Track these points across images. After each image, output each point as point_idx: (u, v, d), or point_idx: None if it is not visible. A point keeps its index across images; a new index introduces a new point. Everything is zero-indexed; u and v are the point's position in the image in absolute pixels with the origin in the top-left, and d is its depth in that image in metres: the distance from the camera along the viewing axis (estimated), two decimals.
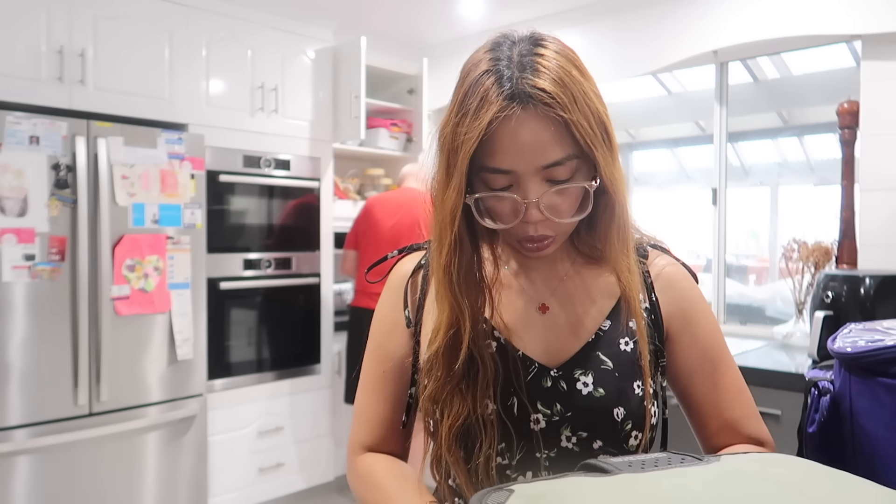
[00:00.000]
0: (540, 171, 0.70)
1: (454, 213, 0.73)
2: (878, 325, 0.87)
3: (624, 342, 0.81)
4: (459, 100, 0.73)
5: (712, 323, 0.86)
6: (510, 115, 0.68)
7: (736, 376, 0.85)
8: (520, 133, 0.69)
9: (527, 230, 0.74)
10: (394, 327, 0.88)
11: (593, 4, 3.07)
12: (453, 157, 0.72)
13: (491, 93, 0.69)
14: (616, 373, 0.79)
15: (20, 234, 2.27)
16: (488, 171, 0.72)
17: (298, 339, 3.21)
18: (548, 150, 0.70)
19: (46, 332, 2.33)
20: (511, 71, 0.70)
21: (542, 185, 0.71)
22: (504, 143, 0.69)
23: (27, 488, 2.28)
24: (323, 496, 3.31)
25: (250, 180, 3.01)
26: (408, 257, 0.92)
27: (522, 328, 0.82)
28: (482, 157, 0.71)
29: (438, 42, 3.71)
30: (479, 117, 0.69)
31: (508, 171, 0.71)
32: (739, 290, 3.72)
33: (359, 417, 0.90)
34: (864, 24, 2.30)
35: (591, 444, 0.77)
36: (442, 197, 0.75)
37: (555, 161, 0.70)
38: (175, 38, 2.77)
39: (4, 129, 2.24)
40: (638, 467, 0.56)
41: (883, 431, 0.76)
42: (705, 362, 0.84)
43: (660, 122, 4.11)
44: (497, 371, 0.78)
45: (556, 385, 0.78)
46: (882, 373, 0.76)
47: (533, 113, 0.69)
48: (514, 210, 0.72)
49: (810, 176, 3.86)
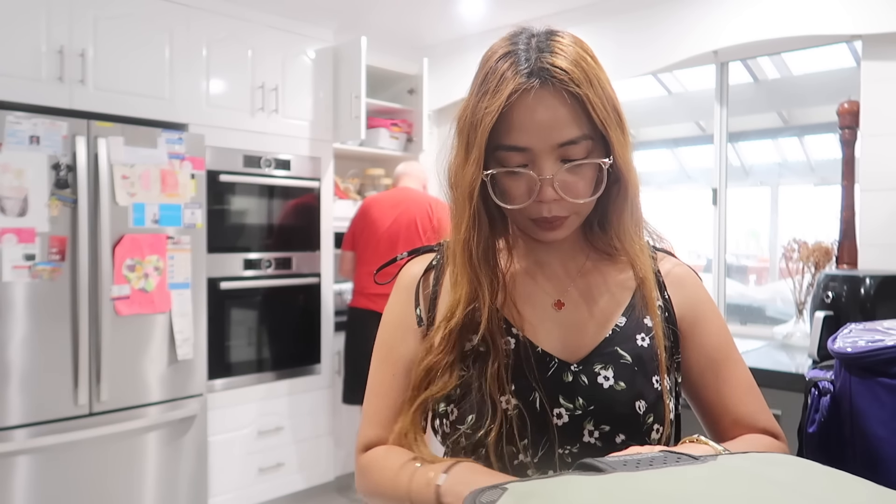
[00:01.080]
0: (555, 149, 0.73)
1: (473, 186, 0.75)
2: (879, 326, 0.87)
3: (640, 338, 0.82)
4: (479, 82, 0.76)
5: (721, 321, 0.87)
6: (528, 89, 0.71)
7: (745, 373, 0.86)
8: (537, 110, 0.71)
9: (540, 210, 0.75)
10: (405, 329, 0.87)
11: (593, 4, 3.07)
12: (472, 134, 0.74)
13: (510, 71, 0.72)
14: (635, 367, 0.80)
15: (20, 233, 2.27)
16: (504, 149, 0.74)
17: (298, 339, 3.21)
18: (564, 127, 0.72)
19: (47, 331, 2.33)
20: (529, 53, 0.73)
21: (556, 164, 0.73)
22: (521, 119, 0.72)
23: (27, 488, 2.28)
24: (323, 496, 3.31)
25: (250, 180, 3.01)
26: (417, 259, 0.91)
27: (539, 324, 0.82)
28: (499, 135, 0.73)
29: (439, 42, 3.71)
30: (499, 92, 0.71)
31: (524, 149, 0.73)
32: (740, 290, 3.71)
33: (368, 420, 0.88)
34: (864, 25, 2.29)
35: (614, 437, 0.77)
36: (461, 173, 0.76)
37: (570, 139, 0.72)
38: (175, 38, 2.77)
39: (5, 128, 2.24)
40: (633, 466, 0.56)
41: (883, 431, 0.76)
42: (715, 359, 0.85)
43: (660, 121, 4.11)
44: (508, 358, 0.78)
45: (577, 379, 0.79)
46: (882, 373, 0.76)
47: (550, 90, 0.72)
48: (529, 189, 0.74)
49: (810, 176, 3.86)
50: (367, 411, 0.88)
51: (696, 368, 0.85)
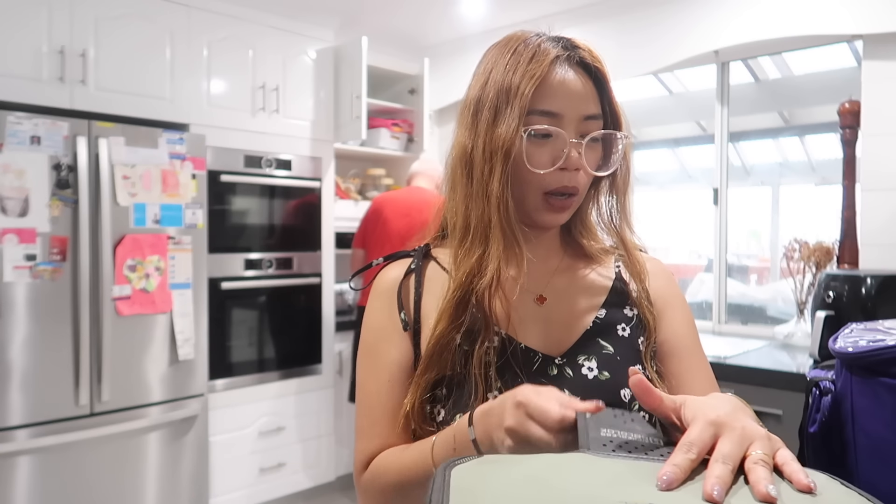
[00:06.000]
0: (581, 121, 0.78)
1: (510, 144, 0.76)
2: (880, 325, 0.87)
3: (621, 328, 0.84)
4: (509, 57, 0.79)
5: (688, 316, 0.90)
6: (567, 58, 0.78)
7: (707, 370, 0.86)
8: (570, 80, 0.77)
9: (562, 179, 0.78)
10: (389, 334, 0.84)
11: (594, 4, 3.07)
12: (507, 98, 0.77)
13: (545, 45, 0.78)
14: (618, 356, 0.81)
15: (21, 234, 2.27)
16: (537, 114, 0.77)
17: (300, 339, 3.21)
18: (591, 100, 0.78)
19: (48, 332, 2.34)
20: (555, 41, 0.80)
21: (577, 135, 0.78)
22: (557, 86, 0.77)
23: (28, 488, 2.28)
24: (324, 496, 3.31)
25: (251, 180, 3.01)
26: (394, 263, 0.90)
27: (521, 321, 0.83)
28: (533, 101, 0.76)
29: (439, 42, 3.71)
30: (539, 60, 0.76)
31: (556, 115, 0.77)
32: (741, 290, 3.71)
33: (365, 434, 0.83)
34: (865, 24, 2.29)
35: None
36: (491, 136, 0.77)
37: (594, 113, 0.78)
38: (176, 38, 2.77)
39: (6, 129, 2.24)
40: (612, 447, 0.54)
41: (884, 431, 0.76)
42: (678, 350, 0.86)
43: (661, 121, 4.10)
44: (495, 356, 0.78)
45: (561, 372, 0.80)
46: (883, 373, 0.76)
47: (581, 65, 0.78)
48: (553, 157, 0.77)
49: (811, 176, 3.86)
50: (363, 426, 0.84)
51: (658, 355, 0.86)
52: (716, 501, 0.45)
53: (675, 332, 0.86)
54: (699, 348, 0.88)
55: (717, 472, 0.47)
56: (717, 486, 0.46)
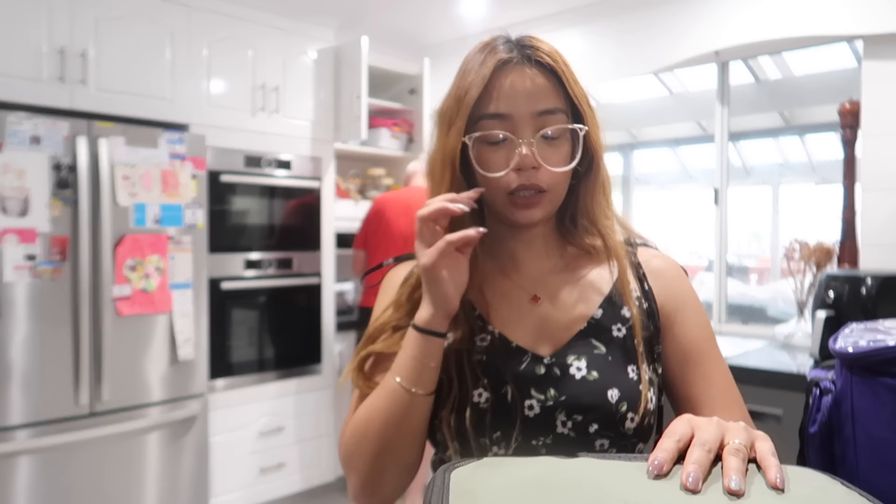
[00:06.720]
0: (535, 117, 0.77)
1: (454, 153, 0.78)
2: (880, 325, 0.87)
3: (616, 328, 0.83)
4: (462, 68, 0.82)
5: (702, 317, 0.87)
6: (509, 60, 0.78)
7: (725, 372, 0.85)
8: (518, 81, 0.77)
9: (519, 178, 0.78)
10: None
11: (594, 4, 3.07)
12: (454, 108, 0.79)
13: (498, 48, 0.79)
14: (609, 357, 0.80)
15: (22, 234, 2.27)
16: (487, 118, 0.78)
17: (300, 340, 3.21)
18: (542, 96, 0.78)
19: (48, 332, 2.34)
20: (509, 43, 0.81)
21: (534, 134, 0.78)
22: (503, 87, 0.77)
23: (28, 488, 2.28)
24: (324, 496, 3.31)
25: (251, 180, 3.01)
26: (403, 264, 0.92)
27: (515, 320, 0.83)
28: (480, 106, 0.78)
29: (440, 42, 3.71)
30: (484, 65, 0.78)
31: (505, 116, 0.77)
32: (741, 290, 3.71)
33: (350, 411, 0.86)
34: (865, 24, 2.29)
35: (587, 427, 0.77)
36: (441, 145, 0.80)
37: (548, 108, 0.78)
38: (176, 38, 2.77)
39: (6, 129, 2.24)
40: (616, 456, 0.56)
41: (885, 431, 0.76)
42: (693, 354, 0.84)
43: (661, 121, 4.10)
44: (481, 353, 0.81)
45: (549, 372, 0.80)
46: (884, 373, 0.76)
47: (529, 65, 0.78)
48: (508, 159, 0.78)
49: (811, 176, 3.86)
50: (354, 406, 0.86)
51: (672, 360, 0.85)
52: (692, 488, 0.48)
53: (689, 335, 0.85)
54: (715, 350, 0.85)
55: (694, 457, 0.51)
56: (693, 472, 0.49)
